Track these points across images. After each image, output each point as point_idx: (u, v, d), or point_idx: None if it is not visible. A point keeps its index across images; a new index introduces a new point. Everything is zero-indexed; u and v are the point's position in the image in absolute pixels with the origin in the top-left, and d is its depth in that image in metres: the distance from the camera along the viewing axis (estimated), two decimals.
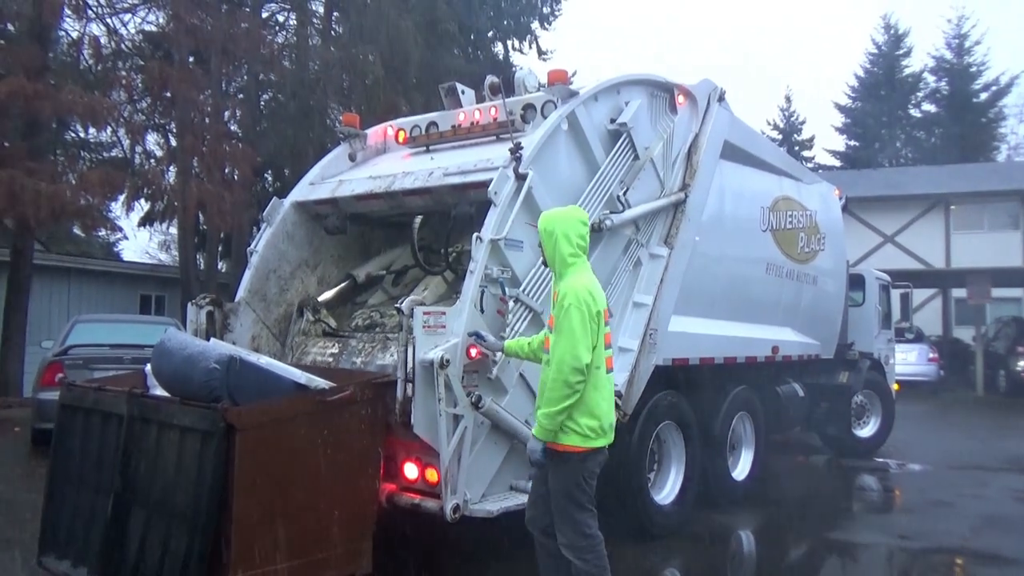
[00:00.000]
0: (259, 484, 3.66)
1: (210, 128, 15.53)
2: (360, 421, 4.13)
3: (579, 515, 3.63)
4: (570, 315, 3.55)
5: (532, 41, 26.43)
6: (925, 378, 18.12)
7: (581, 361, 3.49)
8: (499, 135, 5.52)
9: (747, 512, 6.78)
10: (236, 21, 16.12)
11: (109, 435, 4.17)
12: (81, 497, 4.29)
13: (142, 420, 3.99)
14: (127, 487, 3.97)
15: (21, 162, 12.26)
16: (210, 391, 3.77)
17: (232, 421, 3.55)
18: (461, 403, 4.20)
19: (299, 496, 3.82)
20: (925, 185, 25.38)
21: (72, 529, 4.29)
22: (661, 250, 5.89)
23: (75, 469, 4.40)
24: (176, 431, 3.78)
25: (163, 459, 3.83)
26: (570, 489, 3.62)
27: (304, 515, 3.82)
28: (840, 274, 9.31)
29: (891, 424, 10.17)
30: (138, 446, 3.98)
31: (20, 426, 10.08)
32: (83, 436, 4.39)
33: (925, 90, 41.15)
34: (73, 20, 14.82)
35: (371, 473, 4.19)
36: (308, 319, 5.53)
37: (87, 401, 4.42)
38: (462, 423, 4.20)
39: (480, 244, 4.45)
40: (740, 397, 6.94)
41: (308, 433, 3.89)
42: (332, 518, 3.94)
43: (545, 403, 3.56)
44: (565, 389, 3.49)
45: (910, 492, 8.12)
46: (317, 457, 3.91)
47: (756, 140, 7.81)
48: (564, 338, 3.54)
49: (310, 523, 3.85)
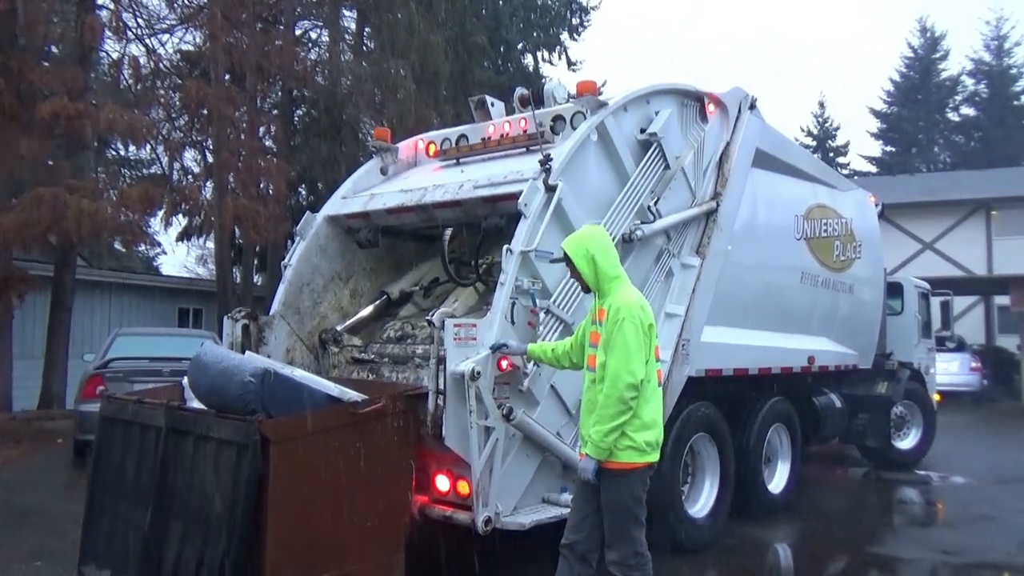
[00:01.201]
0: (293, 496, 3.69)
1: (245, 144, 15.81)
2: (392, 433, 4.16)
3: (636, 532, 3.61)
4: (624, 330, 3.54)
5: (561, 52, 26.51)
6: (967, 388, 17.69)
7: (636, 376, 3.49)
8: (529, 147, 5.54)
9: (784, 526, 6.66)
10: (270, 39, 16.41)
11: (147, 447, 4.24)
12: (120, 508, 4.36)
13: (179, 432, 4.06)
14: (165, 498, 4.03)
15: (64, 180, 12.57)
16: (245, 404, 3.82)
17: (267, 433, 3.59)
18: (492, 415, 4.19)
19: (332, 508, 3.84)
20: (965, 190, 24.84)
21: (112, 539, 4.36)
22: (693, 260, 5.85)
23: (114, 480, 4.49)
24: (212, 443, 3.84)
25: (199, 471, 3.88)
26: (630, 505, 3.60)
27: (337, 527, 3.84)
28: (877, 282, 9.15)
29: (932, 436, 9.93)
30: (175, 458, 4.04)
31: (63, 437, 10.30)
32: (122, 448, 4.47)
33: (964, 93, 40.42)
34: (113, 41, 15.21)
35: (403, 485, 4.21)
36: (332, 351, 5.57)
37: (126, 413, 4.50)
38: (493, 435, 4.19)
39: (510, 256, 4.45)
40: (775, 408, 6.84)
41: (341, 445, 3.92)
42: (365, 530, 3.96)
43: (599, 420, 3.52)
44: (620, 405, 3.48)
45: (953, 506, 7.91)
46: (350, 469, 3.94)
47: (789, 147, 7.73)
48: (618, 353, 3.53)
49: (343, 535, 3.87)
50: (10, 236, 12.03)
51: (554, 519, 4.41)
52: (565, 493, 4.51)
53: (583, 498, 3.75)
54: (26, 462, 9.25)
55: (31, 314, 15.06)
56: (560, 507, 4.47)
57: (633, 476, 3.60)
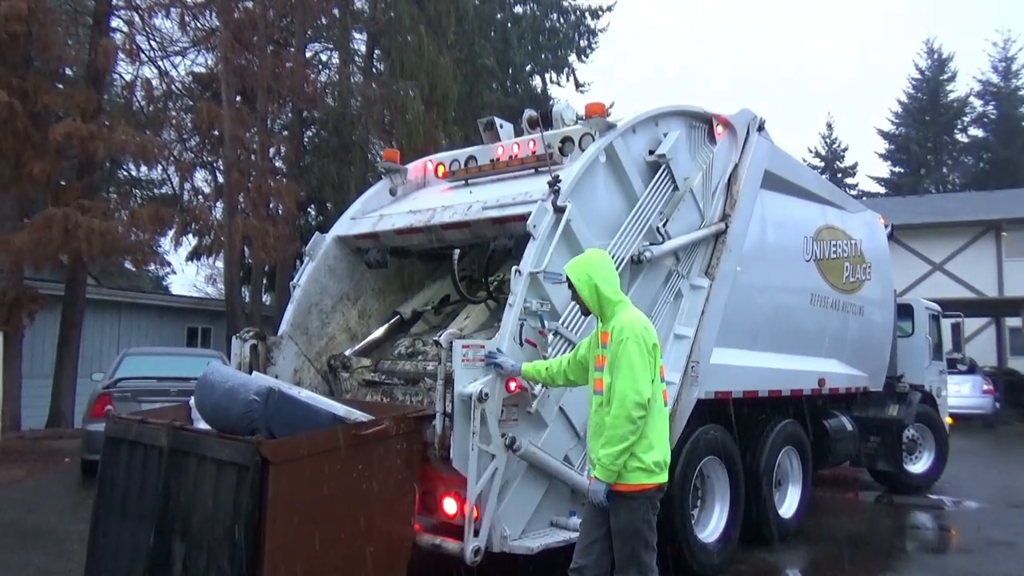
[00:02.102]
0: (292, 518, 3.65)
1: (256, 164, 15.95)
2: (396, 455, 4.12)
3: (646, 556, 3.57)
4: (628, 350, 3.54)
5: (570, 74, 26.72)
6: (979, 411, 17.47)
7: (643, 396, 3.48)
8: (537, 168, 5.55)
9: (795, 551, 6.57)
10: (281, 61, 16.59)
11: (151, 467, 4.23)
12: (125, 528, 4.34)
13: (181, 453, 4.04)
14: (168, 519, 4.00)
15: (76, 200, 12.69)
16: (249, 423, 3.80)
17: (266, 454, 3.56)
18: (495, 442, 4.15)
19: (333, 530, 3.80)
20: (974, 211, 24.75)
21: (117, 560, 4.34)
22: (702, 281, 5.83)
23: (119, 500, 4.47)
24: (214, 464, 3.81)
25: (201, 492, 3.86)
26: (640, 528, 3.57)
27: (337, 549, 3.80)
28: (888, 304, 9.10)
29: (945, 459, 9.81)
30: (178, 479, 4.02)
31: (70, 457, 10.30)
32: (127, 468, 4.46)
33: (972, 114, 40.46)
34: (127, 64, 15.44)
35: (406, 509, 4.16)
36: (343, 376, 5.56)
37: (130, 433, 4.49)
38: (493, 463, 4.14)
39: (519, 277, 4.45)
40: (786, 431, 6.78)
41: (343, 467, 3.88)
42: (366, 553, 3.92)
43: (607, 442, 3.49)
44: (629, 425, 3.46)
45: (967, 531, 7.79)
46: (352, 491, 3.90)
47: (797, 169, 7.73)
48: (624, 373, 3.52)
49: (343, 558, 3.83)
50: (22, 255, 12.14)
51: (563, 543, 4.37)
52: (574, 517, 4.47)
53: (592, 521, 3.71)
54: (33, 481, 9.24)
55: (41, 333, 15.13)
56: (569, 531, 4.43)
57: (642, 498, 3.57)
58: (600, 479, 3.51)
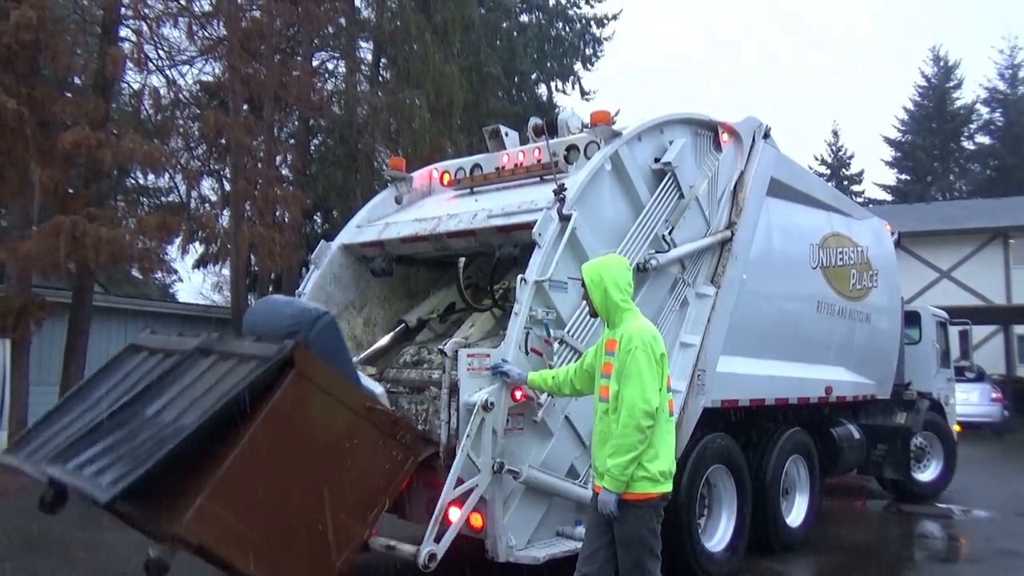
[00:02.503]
0: (274, 438, 3.49)
1: (262, 173, 15.97)
2: (385, 457, 4.01)
3: (651, 564, 3.57)
4: (637, 359, 3.54)
5: (575, 82, 26.74)
6: (988, 419, 17.37)
7: (652, 405, 3.48)
8: (543, 176, 5.56)
9: (803, 560, 6.54)
10: (288, 70, 16.65)
11: (154, 367, 4.06)
12: (86, 414, 4.05)
13: (203, 352, 3.91)
14: (134, 403, 3.78)
15: (83, 208, 12.73)
16: (292, 330, 3.78)
17: (296, 357, 3.48)
18: (483, 458, 4.09)
19: (295, 480, 3.63)
20: (982, 218, 24.67)
21: (55, 434, 4.08)
22: (708, 289, 5.82)
23: (98, 391, 4.24)
24: (233, 359, 3.69)
25: (201, 381, 3.68)
26: (645, 536, 3.56)
27: (287, 502, 3.59)
28: (895, 311, 9.06)
29: (953, 467, 9.75)
30: (179, 370, 3.86)
31: None
32: (129, 368, 4.28)
33: (978, 122, 40.39)
34: (135, 72, 15.46)
35: (366, 509, 3.94)
36: None
37: (156, 343, 4.36)
38: (475, 478, 4.08)
39: (524, 286, 4.44)
40: (793, 439, 6.75)
41: (342, 428, 3.81)
42: (308, 525, 3.68)
43: (616, 452, 3.49)
44: (637, 435, 3.45)
45: (976, 540, 7.74)
46: (334, 457, 3.79)
47: (803, 176, 7.72)
48: (633, 382, 3.52)
49: (285, 514, 3.60)
50: (30, 263, 12.17)
51: (568, 552, 4.36)
52: (580, 526, 4.45)
53: (596, 530, 3.70)
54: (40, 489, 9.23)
55: (48, 340, 15.16)
56: (575, 540, 4.42)
57: (648, 507, 3.56)
58: (609, 489, 3.50)
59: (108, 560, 6.03)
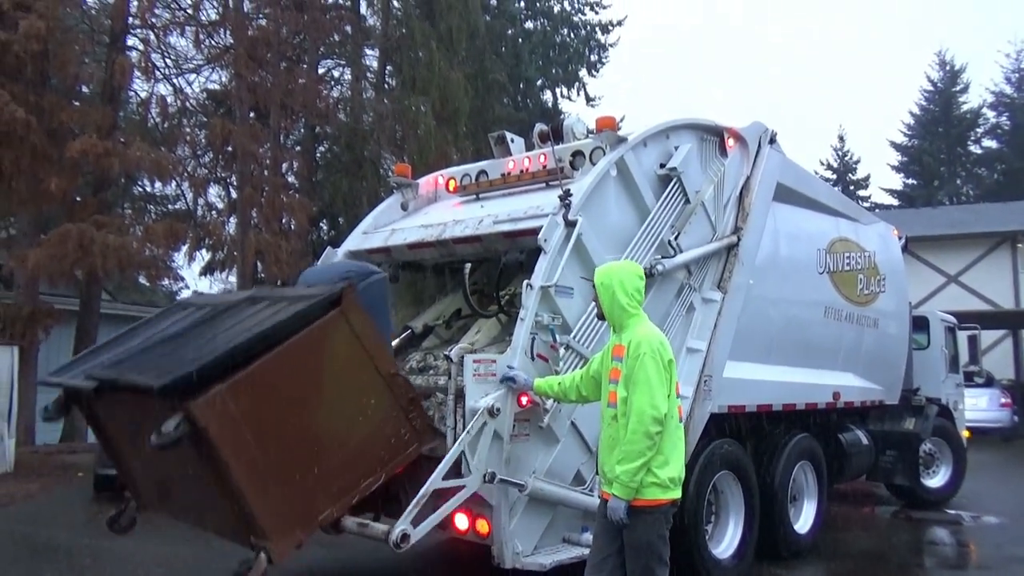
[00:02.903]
0: (308, 358, 3.69)
1: (268, 180, 16.04)
2: (393, 431, 4.04)
3: (660, 571, 3.55)
4: (645, 365, 3.53)
5: (580, 88, 26.80)
6: (997, 424, 17.25)
7: (660, 411, 3.47)
8: (548, 182, 5.55)
9: (811, 567, 6.49)
10: (294, 77, 16.74)
11: (196, 317, 4.23)
12: (132, 343, 4.33)
13: (251, 300, 4.08)
14: (183, 333, 3.98)
15: (91, 216, 12.81)
16: (343, 278, 3.96)
17: (344, 297, 3.68)
18: (475, 463, 4.05)
19: (311, 410, 3.76)
20: (989, 223, 24.54)
21: (99, 359, 4.33)
22: (714, 294, 5.80)
23: (144, 334, 4.45)
24: (284, 302, 3.86)
25: (248, 320, 3.86)
26: (654, 543, 3.55)
27: (281, 444, 3.65)
28: (902, 316, 9.02)
29: (962, 473, 9.69)
30: (227, 313, 4.04)
31: (84, 472, 10.34)
32: (178, 317, 4.47)
33: (985, 126, 40.21)
34: (142, 81, 15.57)
35: (359, 475, 3.93)
36: None
37: (204, 299, 4.55)
38: (462, 480, 4.04)
39: (530, 291, 4.44)
40: (801, 445, 6.71)
41: (365, 381, 3.92)
42: (308, 461, 3.74)
43: (625, 458, 3.47)
44: (646, 440, 3.44)
45: (986, 547, 7.68)
46: (349, 406, 3.90)
47: (810, 181, 7.70)
48: (641, 388, 3.51)
49: (293, 443, 3.70)
50: (38, 270, 12.24)
51: (575, 559, 4.34)
52: (586, 533, 4.43)
53: (605, 537, 3.68)
54: (47, 496, 9.28)
55: (56, 347, 15.22)
56: (581, 547, 4.40)
57: (657, 513, 3.55)
58: (619, 496, 3.48)
59: (114, 568, 6.04)
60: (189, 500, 4.15)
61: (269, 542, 3.59)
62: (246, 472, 3.50)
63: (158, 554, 6.45)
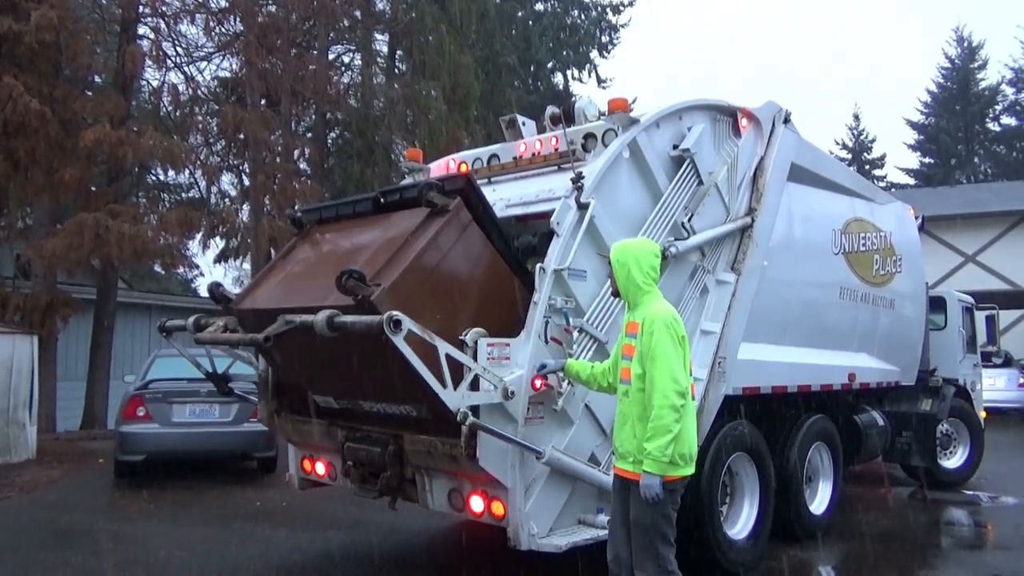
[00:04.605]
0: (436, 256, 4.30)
1: (280, 167, 16.07)
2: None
3: (663, 549, 3.55)
4: (662, 340, 3.54)
5: (591, 70, 26.58)
6: (1015, 405, 17.13)
7: (681, 384, 3.49)
8: (560, 165, 5.52)
9: (827, 547, 6.49)
10: (304, 64, 16.71)
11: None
12: None
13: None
14: None
15: (106, 205, 12.90)
16: None
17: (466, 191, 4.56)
18: (460, 394, 3.99)
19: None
20: (1008, 201, 24.22)
21: None
22: (728, 276, 5.77)
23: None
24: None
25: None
26: (657, 521, 3.55)
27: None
28: (919, 297, 8.94)
29: (980, 454, 9.63)
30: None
31: (104, 458, 10.48)
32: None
33: (1004, 103, 39.66)
34: (154, 70, 15.61)
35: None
36: None
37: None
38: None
39: (543, 275, 4.43)
40: (816, 427, 6.69)
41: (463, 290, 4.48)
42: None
43: (654, 434, 3.46)
44: (673, 414, 3.45)
45: (1004, 527, 7.64)
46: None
47: (825, 161, 7.62)
48: (660, 363, 3.52)
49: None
50: (55, 260, 12.37)
51: (590, 541, 4.36)
52: (601, 514, 4.45)
53: (623, 513, 3.72)
54: (69, 482, 9.41)
55: (74, 336, 15.41)
56: (597, 528, 4.42)
57: (666, 490, 3.54)
58: (652, 472, 3.47)
59: (136, 551, 6.13)
60: (325, 272, 4.48)
61: (387, 287, 3.95)
62: (428, 253, 4.23)
63: (179, 536, 6.55)
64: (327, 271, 4.37)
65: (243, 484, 8.71)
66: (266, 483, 8.92)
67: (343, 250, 4.92)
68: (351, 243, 4.93)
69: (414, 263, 4.15)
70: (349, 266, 3.90)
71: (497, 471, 4.15)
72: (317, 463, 5.52)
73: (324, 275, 4.35)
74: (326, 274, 4.26)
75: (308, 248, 5.25)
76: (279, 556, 6.07)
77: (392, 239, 4.43)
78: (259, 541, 6.49)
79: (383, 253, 4.31)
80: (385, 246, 4.40)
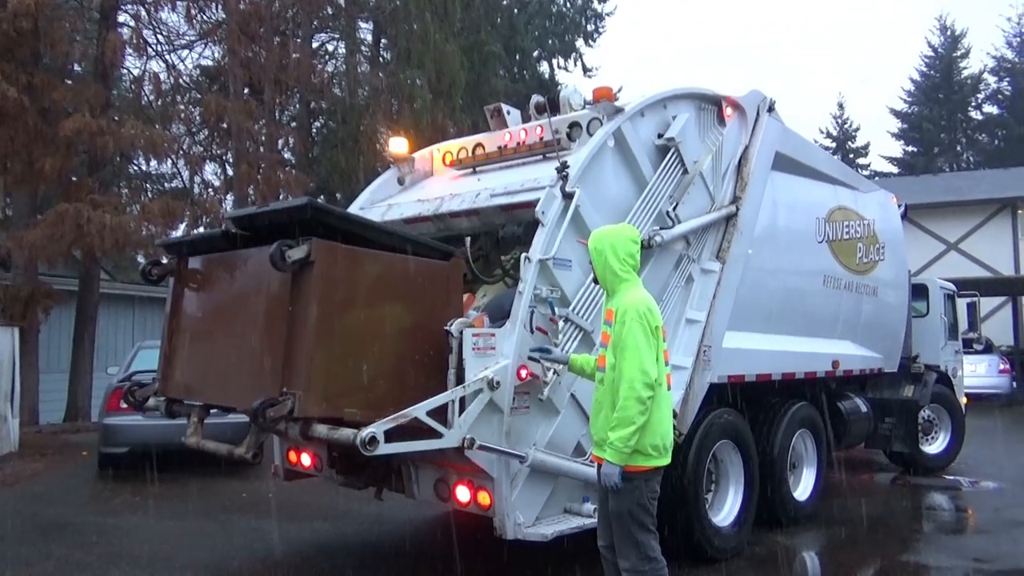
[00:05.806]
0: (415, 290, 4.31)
1: (264, 156, 15.93)
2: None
3: (643, 537, 3.56)
4: (633, 330, 3.52)
5: (577, 59, 26.53)
6: (996, 391, 17.36)
7: (650, 376, 3.47)
8: (545, 154, 5.52)
9: (811, 533, 6.56)
10: (288, 52, 16.56)
11: None
12: None
13: None
14: None
15: (87, 195, 12.74)
16: None
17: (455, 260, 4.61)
18: (458, 421, 3.99)
19: (400, 331, 4.24)
20: (990, 189, 24.47)
21: None
22: (713, 265, 5.79)
23: None
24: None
25: None
26: (634, 511, 3.56)
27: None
28: (902, 284, 9.02)
29: (961, 440, 9.75)
30: None
31: (88, 450, 10.40)
32: None
33: (986, 91, 39.93)
34: (134, 58, 15.39)
35: (385, 403, 4.01)
36: None
37: None
38: (446, 434, 3.95)
39: (529, 264, 4.43)
40: (800, 414, 6.74)
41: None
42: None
43: (618, 424, 3.46)
44: (639, 406, 3.44)
45: (984, 512, 7.75)
46: (420, 348, 4.28)
47: (809, 150, 7.65)
48: (630, 354, 3.50)
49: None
50: (36, 251, 12.21)
51: (576, 529, 4.38)
52: (587, 503, 4.47)
53: (603, 500, 3.75)
54: (52, 475, 9.34)
55: (56, 328, 15.25)
56: (583, 517, 4.44)
57: (638, 480, 3.55)
58: (612, 462, 3.49)
59: (120, 543, 6.10)
60: (229, 362, 4.37)
61: (301, 394, 3.75)
62: (322, 322, 3.84)
63: (164, 529, 6.52)
64: (229, 355, 4.35)
65: (228, 476, 8.68)
66: (252, 475, 8.88)
67: (232, 323, 4.46)
68: (235, 311, 4.46)
69: (314, 347, 3.79)
70: (253, 402, 3.62)
71: (483, 461, 4.16)
72: (303, 454, 5.50)
73: (231, 365, 4.30)
74: (233, 364, 4.27)
75: (195, 301, 4.88)
76: (265, 547, 6.06)
77: (274, 315, 4.00)
78: (245, 533, 6.48)
79: (276, 341, 3.91)
80: (273, 330, 3.97)
